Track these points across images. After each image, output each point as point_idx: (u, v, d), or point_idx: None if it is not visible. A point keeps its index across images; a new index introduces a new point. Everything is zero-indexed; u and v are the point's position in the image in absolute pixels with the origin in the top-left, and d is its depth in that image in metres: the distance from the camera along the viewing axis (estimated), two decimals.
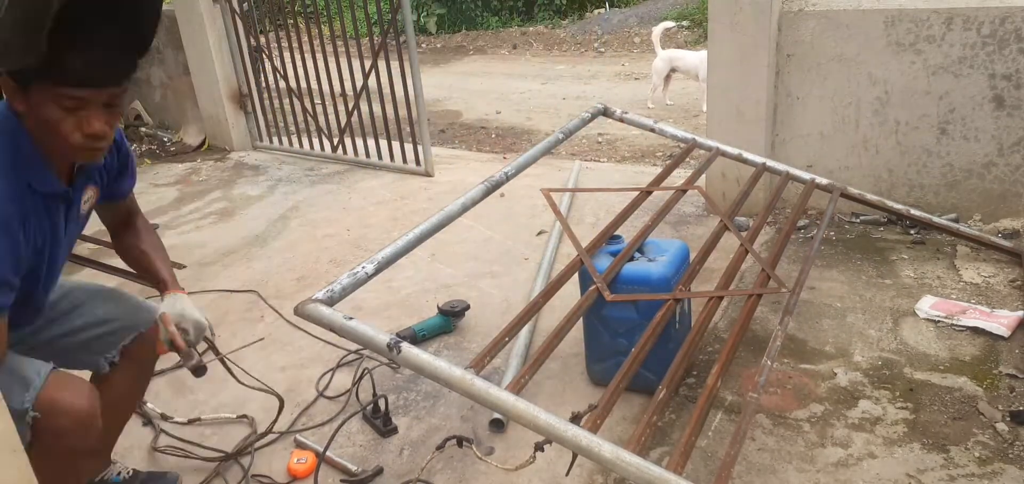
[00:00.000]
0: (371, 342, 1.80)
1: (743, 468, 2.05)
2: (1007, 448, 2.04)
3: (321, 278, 3.43)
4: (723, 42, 3.45)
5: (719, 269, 2.46)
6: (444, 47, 11.07)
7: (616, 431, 2.25)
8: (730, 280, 2.34)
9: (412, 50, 4.40)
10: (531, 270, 3.36)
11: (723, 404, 2.32)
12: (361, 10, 5.49)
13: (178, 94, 6.16)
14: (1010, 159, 3.20)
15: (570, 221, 3.72)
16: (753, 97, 3.45)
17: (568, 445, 1.60)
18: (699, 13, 9.67)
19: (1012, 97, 3.11)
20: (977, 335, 2.53)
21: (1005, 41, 3.06)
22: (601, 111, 3.16)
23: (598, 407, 1.71)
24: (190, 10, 5.36)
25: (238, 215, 4.49)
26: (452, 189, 4.43)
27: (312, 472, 2.20)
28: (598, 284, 2.17)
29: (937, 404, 2.24)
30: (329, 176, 5.01)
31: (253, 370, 2.54)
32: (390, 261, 2.11)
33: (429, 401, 2.51)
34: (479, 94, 7.86)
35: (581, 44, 10.05)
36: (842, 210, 3.51)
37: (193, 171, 5.43)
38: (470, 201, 2.42)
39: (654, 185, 2.88)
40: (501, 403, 1.68)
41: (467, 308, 2.96)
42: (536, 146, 2.89)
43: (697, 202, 3.88)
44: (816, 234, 2.75)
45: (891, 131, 3.37)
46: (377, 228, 4.03)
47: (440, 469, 2.18)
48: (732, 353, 2.01)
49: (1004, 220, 3.26)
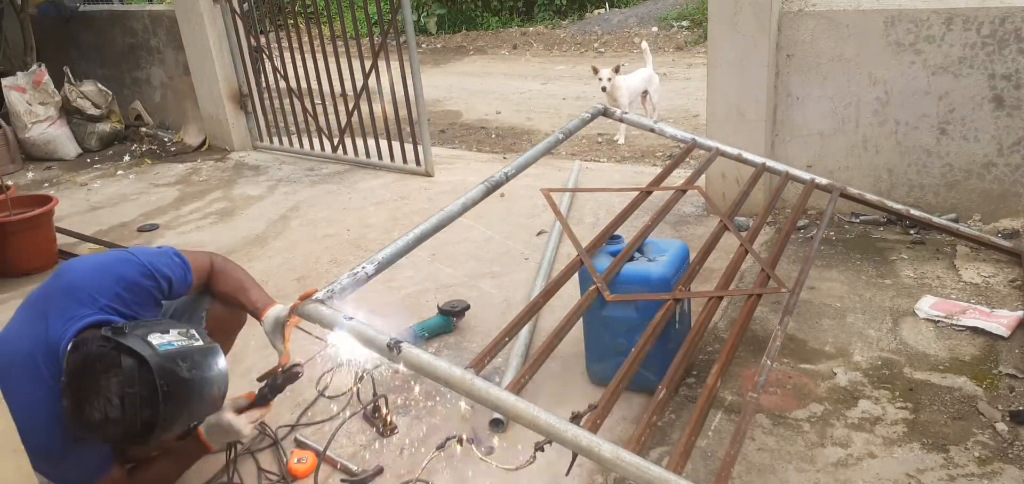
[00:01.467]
0: (371, 342, 1.80)
1: (743, 468, 2.05)
2: (1007, 448, 2.04)
3: (321, 278, 3.43)
4: (723, 42, 3.45)
5: (719, 269, 2.46)
6: (444, 47, 11.06)
7: (616, 431, 2.25)
8: (730, 280, 2.34)
9: (412, 50, 4.40)
10: (531, 270, 3.36)
11: (723, 404, 2.32)
12: (361, 10, 5.50)
13: (178, 94, 6.16)
14: (1010, 159, 3.20)
15: (570, 221, 3.72)
16: (753, 97, 3.45)
17: (568, 445, 1.60)
18: (699, 13, 9.65)
19: (1012, 97, 3.11)
20: (977, 335, 2.53)
21: (1005, 41, 3.06)
22: (601, 111, 3.16)
23: (598, 407, 1.71)
24: (190, 10, 5.36)
25: (238, 215, 4.49)
26: (452, 189, 4.43)
27: (312, 472, 2.20)
28: (598, 284, 2.17)
29: (937, 404, 2.24)
30: (329, 176, 5.01)
31: (253, 370, 2.54)
32: (390, 261, 2.11)
33: (429, 401, 2.51)
34: (479, 94, 7.85)
35: (581, 44, 10.04)
36: (842, 210, 3.51)
37: (193, 171, 5.43)
38: (470, 201, 2.43)
39: (654, 185, 2.88)
40: (501, 403, 1.68)
41: (467, 308, 2.96)
42: (536, 146, 2.90)
43: (697, 202, 3.88)
44: (816, 234, 2.76)
45: (891, 131, 3.37)
46: (377, 228, 4.03)
47: (440, 469, 2.18)
48: (732, 353, 2.01)
49: (1004, 220, 3.26)
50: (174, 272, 1.97)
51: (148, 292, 1.90)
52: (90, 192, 5.22)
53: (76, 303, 1.78)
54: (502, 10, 12.13)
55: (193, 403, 1.73)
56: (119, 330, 1.64)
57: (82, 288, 1.81)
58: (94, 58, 6.72)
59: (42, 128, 5.98)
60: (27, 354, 1.75)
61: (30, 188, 5.36)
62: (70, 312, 1.77)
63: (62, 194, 5.05)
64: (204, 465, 2.28)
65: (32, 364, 1.74)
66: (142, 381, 1.61)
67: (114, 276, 1.85)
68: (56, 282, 1.87)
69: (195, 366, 1.70)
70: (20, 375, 1.73)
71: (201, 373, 1.72)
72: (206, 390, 1.75)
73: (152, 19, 6.14)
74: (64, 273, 1.88)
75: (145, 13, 6.28)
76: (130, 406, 1.61)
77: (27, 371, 1.74)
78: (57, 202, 4.00)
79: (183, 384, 1.66)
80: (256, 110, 5.71)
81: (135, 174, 5.54)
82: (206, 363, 1.74)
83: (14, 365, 1.75)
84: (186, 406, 1.71)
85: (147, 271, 1.90)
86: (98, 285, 1.82)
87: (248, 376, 2.44)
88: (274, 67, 5.31)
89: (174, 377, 1.64)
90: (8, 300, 3.52)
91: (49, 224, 3.94)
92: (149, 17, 6.18)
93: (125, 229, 4.43)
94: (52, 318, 1.77)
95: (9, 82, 5.93)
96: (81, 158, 6.09)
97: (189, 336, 1.75)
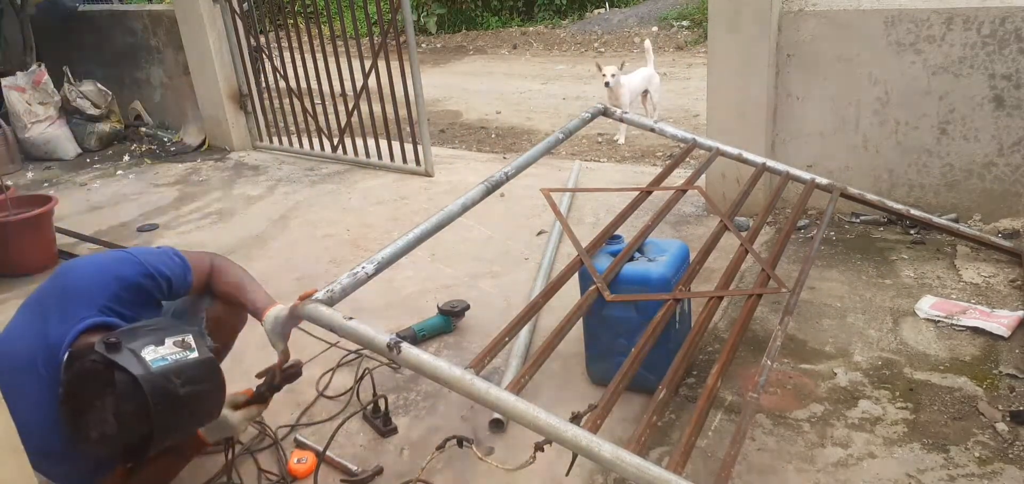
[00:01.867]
0: (371, 342, 1.80)
1: (743, 468, 2.05)
2: (1007, 448, 2.04)
3: (321, 278, 3.43)
4: (723, 42, 3.45)
5: (719, 269, 2.46)
6: (444, 47, 11.06)
7: (616, 431, 2.25)
8: (730, 280, 2.33)
9: (412, 50, 4.40)
10: (531, 270, 3.36)
11: (723, 404, 2.32)
12: (361, 10, 5.49)
13: (178, 94, 6.16)
14: (1010, 159, 3.20)
15: (570, 221, 3.72)
16: (753, 97, 3.45)
17: (568, 445, 1.60)
18: (699, 13, 9.65)
19: (1012, 97, 3.11)
20: (977, 335, 2.53)
21: (1005, 41, 3.06)
22: (601, 111, 3.16)
23: (598, 407, 1.71)
24: (190, 10, 5.36)
25: (238, 215, 4.49)
26: (452, 189, 4.43)
27: (312, 472, 2.20)
28: (598, 284, 2.17)
29: (937, 404, 2.24)
30: (329, 176, 5.01)
31: (253, 369, 2.54)
32: (390, 261, 2.11)
33: (429, 401, 2.51)
34: (479, 94, 7.85)
35: (581, 44, 10.04)
36: (842, 210, 3.51)
37: (193, 171, 5.43)
38: (470, 201, 2.42)
39: (654, 185, 2.88)
40: (501, 403, 1.68)
41: (467, 308, 2.96)
42: (536, 146, 2.89)
43: (697, 202, 3.88)
44: (816, 234, 2.75)
45: (891, 131, 3.37)
46: (377, 228, 4.03)
47: (440, 469, 2.18)
48: (732, 353, 2.01)
49: (1004, 220, 3.26)
50: (174, 272, 1.96)
51: (147, 292, 1.90)
52: (90, 192, 5.22)
53: (75, 304, 1.78)
54: (502, 10, 12.13)
55: (188, 419, 1.73)
56: (113, 346, 1.61)
57: (81, 289, 1.81)
58: (94, 58, 6.72)
59: (42, 128, 5.98)
60: (27, 355, 1.75)
61: (30, 188, 5.36)
62: (70, 313, 1.76)
63: (62, 194, 5.04)
64: (204, 465, 2.28)
65: (32, 365, 1.74)
66: (136, 400, 1.59)
67: (113, 276, 1.85)
68: (55, 282, 1.87)
69: (189, 381, 1.67)
70: (20, 375, 1.73)
71: (195, 389, 1.69)
72: (200, 406, 1.74)
73: (152, 19, 6.14)
74: (63, 274, 1.88)
75: (145, 13, 6.28)
76: (125, 423, 1.60)
77: (27, 372, 1.74)
78: (57, 202, 4.00)
79: (177, 401, 1.64)
80: (256, 110, 5.71)
81: (135, 174, 5.53)
82: (201, 378, 1.71)
83: (15, 365, 1.75)
84: (181, 421, 1.71)
85: (146, 271, 1.90)
86: (97, 286, 1.82)
87: (248, 375, 2.43)
88: (274, 67, 5.31)
89: (167, 395, 1.62)
90: (8, 300, 3.52)
91: (49, 224, 3.94)
92: (149, 17, 6.18)
93: (125, 229, 4.43)
94: (52, 319, 1.77)
95: (9, 82, 5.92)
96: (81, 158, 6.08)
97: (185, 347, 1.72)
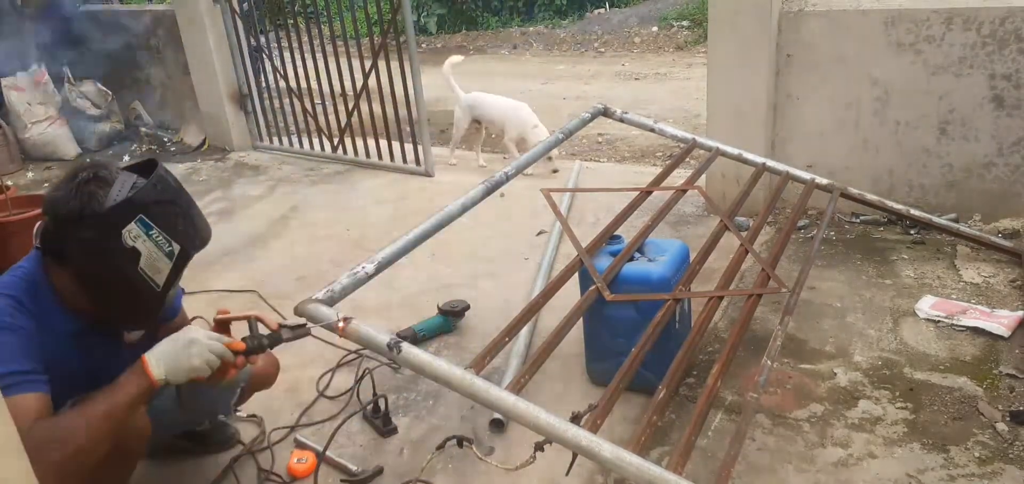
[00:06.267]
0: (371, 342, 1.79)
1: (743, 468, 2.05)
2: (1007, 448, 2.04)
3: (321, 278, 3.41)
4: (723, 42, 3.45)
5: (719, 269, 2.45)
6: (444, 47, 11.05)
7: (616, 431, 2.25)
8: (730, 280, 2.33)
9: (412, 50, 4.40)
10: (531, 270, 3.36)
11: (723, 404, 2.32)
12: (361, 10, 5.50)
13: (178, 94, 6.16)
14: (1010, 159, 3.20)
15: (570, 221, 3.72)
16: (753, 97, 3.45)
17: (568, 445, 1.60)
18: (699, 13, 9.65)
19: (1012, 97, 3.11)
20: (977, 335, 2.53)
21: (1005, 41, 3.06)
22: (601, 111, 3.16)
23: (598, 407, 1.71)
24: (190, 10, 5.36)
25: (238, 215, 4.49)
26: (452, 189, 4.42)
27: (312, 472, 2.20)
28: (598, 284, 2.17)
29: (937, 404, 2.24)
30: (329, 176, 5.01)
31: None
32: (390, 261, 2.10)
33: (429, 401, 2.51)
34: None
35: (581, 44, 10.04)
36: (842, 210, 3.51)
37: (193, 171, 5.43)
38: (470, 201, 2.42)
39: (654, 185, 2.88)
40: (501, 403, 1.68)
41: (467, 308, 2.96)
42: (536, 146, 2.89)
43: (697, 202, 3.88)
44: (816, 234, 2.75)
45: (891, 131, 3.37)
46: (377, 228, 4.02)
47: (440, 469, 2.18)
48: (732, 353, 2.01)
49: (1004, 220, 3.26)
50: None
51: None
52: None
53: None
54: (502, 10, 12.12)
55: (181, 214, 1.86)
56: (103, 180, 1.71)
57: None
58: (94, 58, 6.71)
59: (42, 128, 5.98)
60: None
61: (30, 188, 5.35)
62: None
63: None
64: (203, 466, 2.28)
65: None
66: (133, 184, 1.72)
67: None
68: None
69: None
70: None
71: (189, 198, 1.88)
72: (194, 210, 1.92)
73: (152, 19, 6.13)
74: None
75: (145, 13, 6.28)
76: (119, 182, 1.70)
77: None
78: None
79: (173, 190, 1.81)
80: (256, 110, 5.71)
81: None
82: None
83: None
84: (175, 210, 1.83)
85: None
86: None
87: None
88: (274, 67, 5.31)
89: (165, 182, 1.78)
90: None
91: None
92: (149, 17, 6.18)
93: None
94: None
95: (9, 82, 5.92)
96: (81, 158, 6.09)
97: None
